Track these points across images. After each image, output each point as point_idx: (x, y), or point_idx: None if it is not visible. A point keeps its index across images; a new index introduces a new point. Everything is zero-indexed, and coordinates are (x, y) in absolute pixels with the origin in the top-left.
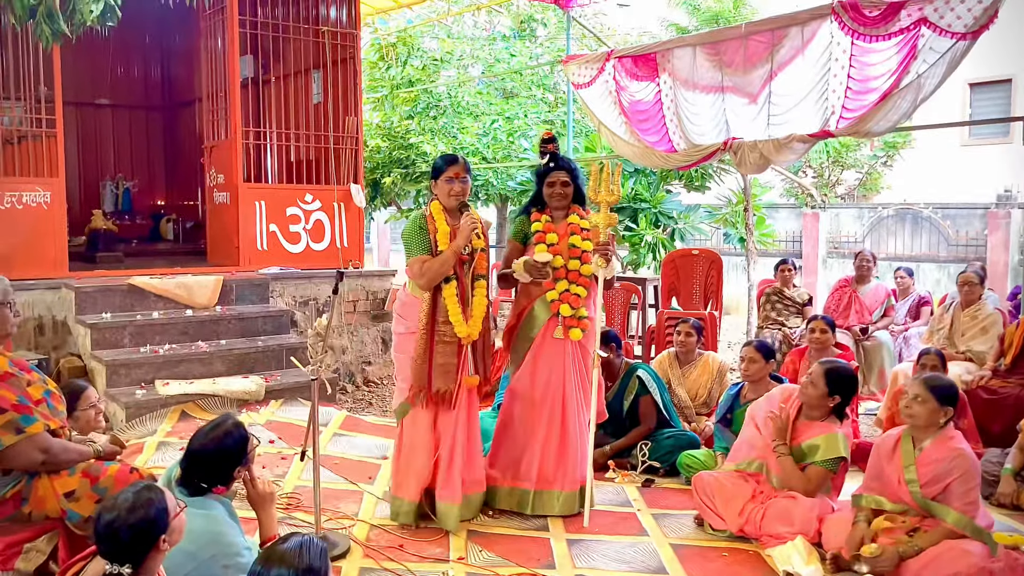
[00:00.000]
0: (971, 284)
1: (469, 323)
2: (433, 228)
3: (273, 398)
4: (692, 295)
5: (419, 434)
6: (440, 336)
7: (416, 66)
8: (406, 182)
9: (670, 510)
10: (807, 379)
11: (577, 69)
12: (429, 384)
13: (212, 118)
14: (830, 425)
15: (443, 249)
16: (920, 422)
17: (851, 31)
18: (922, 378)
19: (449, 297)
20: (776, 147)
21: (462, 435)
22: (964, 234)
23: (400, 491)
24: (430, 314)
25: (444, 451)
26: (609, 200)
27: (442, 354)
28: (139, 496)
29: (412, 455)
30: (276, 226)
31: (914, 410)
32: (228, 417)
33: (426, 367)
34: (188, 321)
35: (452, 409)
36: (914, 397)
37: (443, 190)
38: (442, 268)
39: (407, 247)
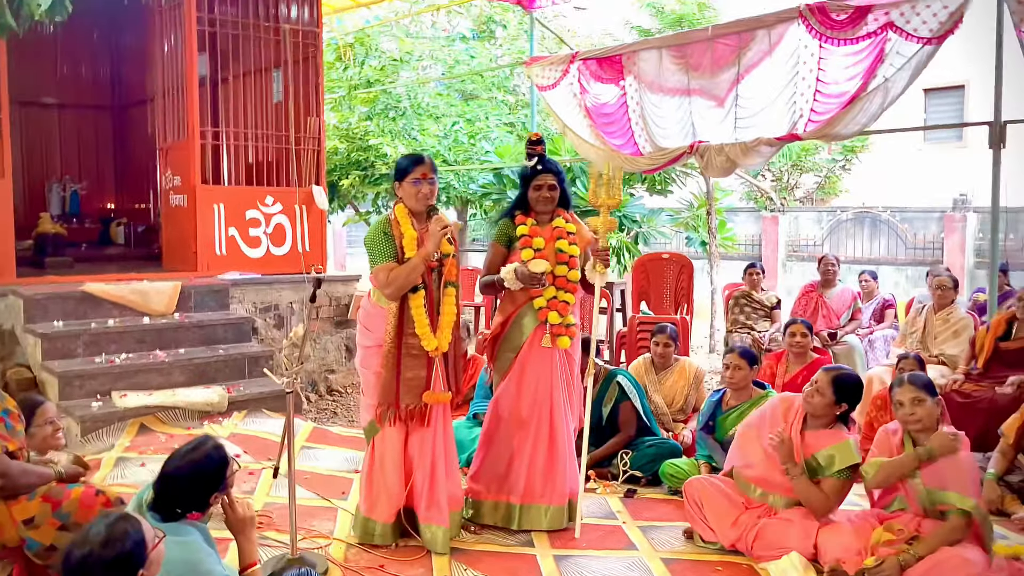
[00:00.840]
0: (944, 288)
1: (438, 335)
2: (399, 233)
3: (236, 409)
4: (663, 299)
5: (390, 453)
6: (408, 349)
7: (374, 66)
8: (365, 184)
9: (656, 522)
10: (812, 388)
11: (541, 71)
12: (397, 400)
13: (167, 118)
14: (838, 432)
15: (410, 256)
16: (928, 423)
17: (819, 34)
18: (907, 380)
19: (417, 307)
20: (743, 150)
21: (440, 452)
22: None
23: (373, 513)
24: (397, 326)
25: (423, 471)
26: (610, 204)
27: (410, 368)
28: (113, 528)
29: (384, 475)
30: (235, 230)
31: (919, 415)
32: (207, 439)
33: (394, 383)
34: (145, 329)
35: (426, 426)
36: (912, 401)
37: (409, 192)
38: (411, 276)
39: (371, 254)
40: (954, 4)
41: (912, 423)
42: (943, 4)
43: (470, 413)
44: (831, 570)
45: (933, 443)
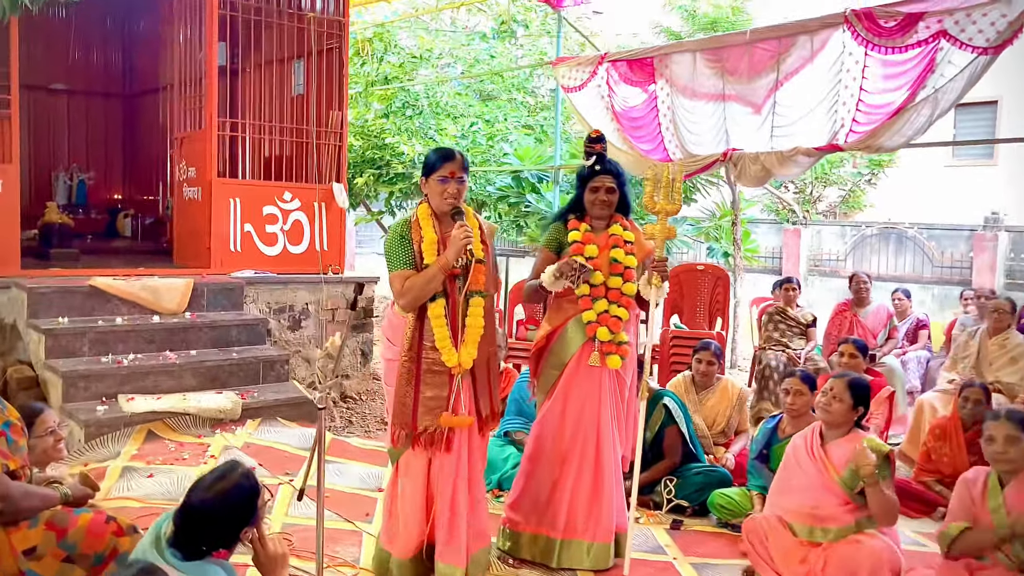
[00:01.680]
0: (1002, 311)
1: (461, 350)
2: (417, 237)
3: (250, 417)
4: (696, 313)
5: (411, 480)
6: (428, 364)
7: (393, 63)
8: (379, 183)
9: (710, 559)
10: (829, 396)
11: (568, 72)
12: (414, 422)
13: (183, 107)
14: (858, 435)
15: (429, 262)
16: (1020, 464)
17: (865, 41)
18: (1004, 415)
19: (436, 318)
20: (779, 160)
21: (463, 483)
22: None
23: (390, 546)
24: (415, 338)
25: (443, 504)
26: (669, 210)
27: (430, 386)
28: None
29: (404, 505)
30: (251, 226)
31: (1012, 454)
32: (235, 465)
33: (410, 402)
34: (155, 328)
35: (447, 452)
36: (1007, 440)
37: (435, 191)
38: (428, 286)
39: (388, 259)
40: (1014, 13)
41: (1003, 462)
42: (1001, 12)
43: (500, 430)
44: None
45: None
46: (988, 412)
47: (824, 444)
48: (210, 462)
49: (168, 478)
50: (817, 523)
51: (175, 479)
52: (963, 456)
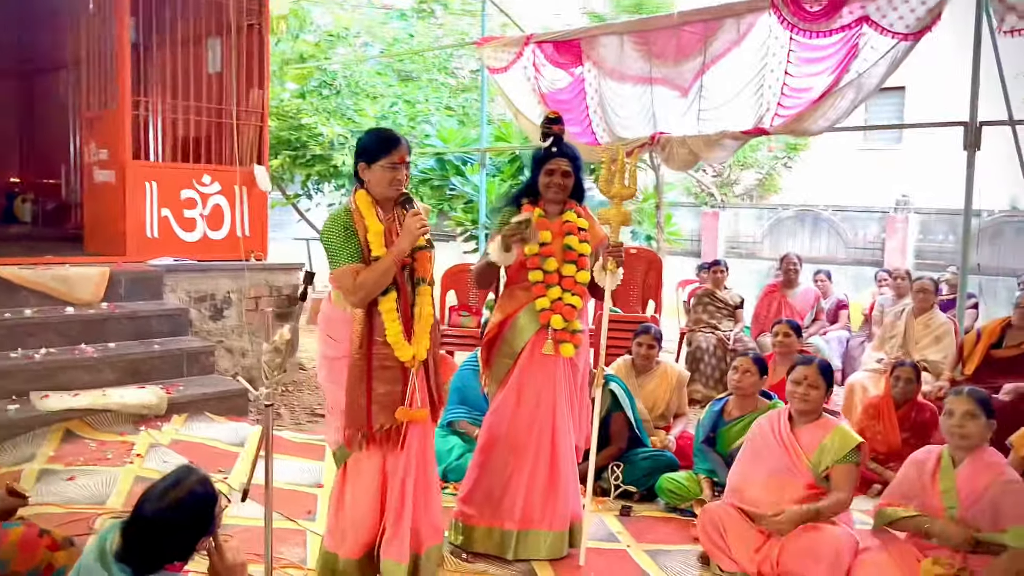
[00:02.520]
0: (926, 291)
1: (413, 342)
2: (362, 227)
3: (176, 412)
4: (629, 296)
5: (363, 482)
6: (380, 360)
7: (309, 41)
8: (295, 166)
9: (663, 545)
10: (805, 384)
11: (493, 53)
12: (369, 422)
13: (92, 86)
14: (827, 421)
15: (377, 254)
16: (975, 441)
17: (791, 26)
18: (967, 392)
19: (388, 312)
20: (707, 143)
21: (412, 479)
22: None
23: (337, 548)
24: (365, 334)
25: (393, 501)
26: (624, 194)
27: (382, 382)
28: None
29: (353, 506)
30: (169, 211)
31: (969, 429)
32: (188, 472)
33: (364, 401)
34: (69, 320)
35: (402, 450)
36: (966, 414)
37: (382, 178)
38: (382, 279)
39: (331, 253)
40: (932, 0)
41: (957, 436)
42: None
43: (443, 420)
44: None
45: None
46: (953, 389)
47: (793, 429)
48: (136, 461)
49: (92, 480)
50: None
51: (99, 481)
52: (896, 434)
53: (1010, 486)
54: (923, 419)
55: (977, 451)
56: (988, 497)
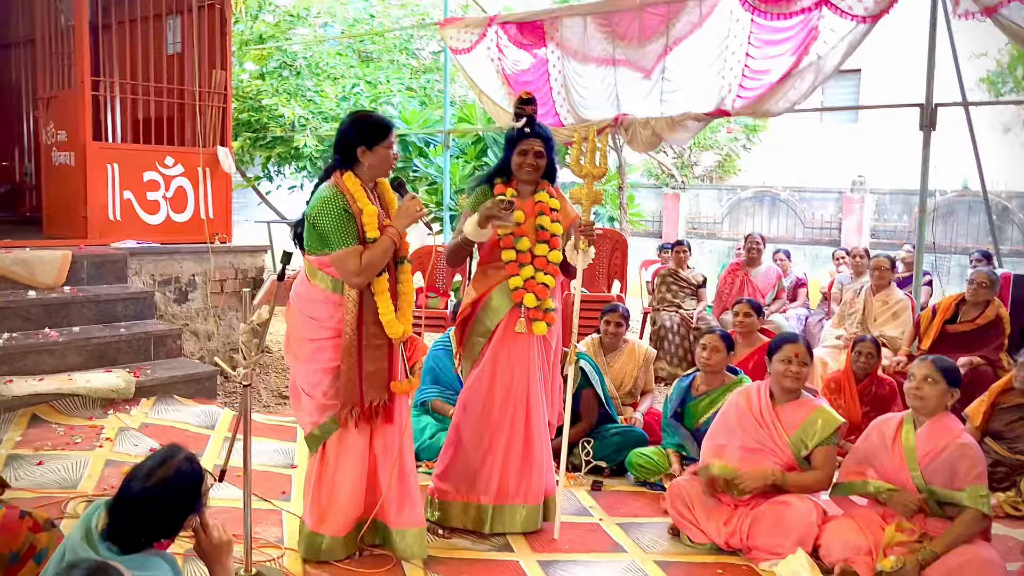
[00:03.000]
0: (882, 269)
1: (400, 318)
2: (357, 209)
3: (144, 396)
4: (596, 276)
5: (352, 459)
6: (370, 339)
7: (268, 21)
8: (256, 148)
9: (634, 518)
10: (797, 362)
11: (456, 33)
12: (361, 398)
13: (48, 65)
14: (808, 401)
15: (372, 236)
16: (930, 405)
17: (751, 8)
18: (930, 359)
19: (381, 293)
20: (670, 125)
21: (408, 448)
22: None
23: (321, 527)
24: (359, 315)
25: (390, 472)
26: (595, 174)
27: (373, 360)
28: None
29: (341, 484)
30: (131, 193)
31: (925, 392)
32: (175, 451)
33: (357, 379)
34: (31, 304)
35: (391, 423)
36: (924, 378)
37: (385, 158)
38: (383, 260)
39: (327, 237)
40: None
41: (915, 399)
42: None
43: (416, 400)
44: (841, 571)
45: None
46: (921, 356)
47: (775, 406)
48: (105, 445)
49: (61, 464)
50: None
51: (69, 465)
52: (856, 407)
53: (966, 449)
54: (883, 393)
55: (936, 416)
56: (944, 458)
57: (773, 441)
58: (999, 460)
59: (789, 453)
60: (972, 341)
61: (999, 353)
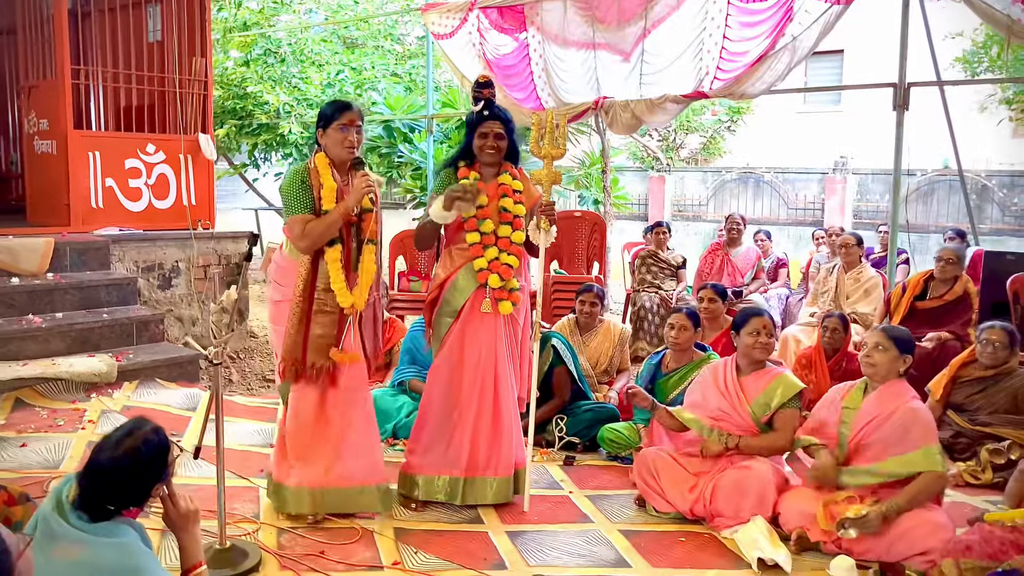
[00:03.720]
0: (848, 246)
1: (354, 292)
2: (317, 183)
3: (126, 379)
4: (576, 258)
5: (304, 412)
6: (319, 305)
7: (252, 8)
8: (241, 135)
9: (603, 490)
10: (764, 333)
11: (438, 18)
12: (304, 358)
13: (29, 54)
14: (770, 370)
15: (328, 208)
16: (881, 371)
17: None
18: (881, 327)
19: (332, 262)
20: (649, 107)
21: (348, 417)
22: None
23: (286, 479)
24: (309, 280)
25: (333, 435)
26: (554, 155)
27: (320, 325)
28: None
29: (297, 438)
30: (113, 180)
31: (875, 359)
32: (142, 422)
33: (300, 339)
34: (15, 291)
35: (335, 387)
36: (875, 346)
37: (335, 140)
38: (328, 231)
39: (286, 204)
40: None
41: (866, 365)
42: None
43: (394, 380)
44: (798, 537)
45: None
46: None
47: (740, 377)
48: (88, 427)
49: (44, 446)
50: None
51: (52, 447)
52: (827, 382)
53: (917, 413)
54: (852, 368)
55: (889, 382)
56: (895, 421)
57: (735, 409)
58: (960, 432)
59: (750, 420)
60: (941, 317)
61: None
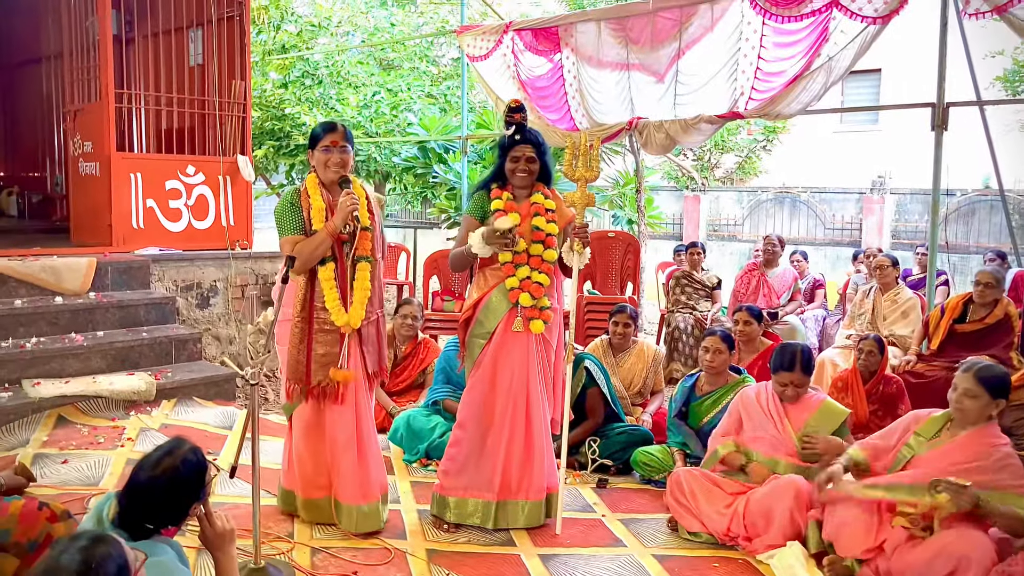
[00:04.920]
0: (884, 268)
1: (350, 310)
2: (307, 204)
3: (165, 397)
4: (609, 279)
5: (308, 432)
6: (319, 324)
7: (290, 31)
8: (279, 155)
9: (637, 514)
10: (790, 390)
11: (472, 41)
12: (308, 377)
13: (75, 78)
14: (811, 397)
15: (317, 228)
16: (971, 417)
17: (762, 11)
18: (973, 372)
19: (325, 280)
20: (683, 127)
21: (366, 432)
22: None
23: (291, 486)
24: (306, 299)
25: (344, 452)
26: (588, 177)
27: (322, 343)
28: (90, 552)
29: (300, 453)
30: (154, 201)
31: (965, 405)
32: (180, 442)
33: (304, 359)
34: (58, 310)
35: (341, 404)
36: (964, 392)
37: (320, 160)
38: (316, 250)
39: (279, 226)
40: None
41: (956, 411)
42: None
43: (427, 400)
44: (830, 562)
45: (944, 497)
46: (927, 356)
47: (782, 402)
48: (127, 444)
49: (84, 463)
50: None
51: (92, 463)
52: (863, 406)
53: (1007, 459)
54: (890, 392)
55: (979, 428)
56: (986, 468)
57: (779, 433)
58: None
59: (793, 447)
60: (981, 340)
61: (1009, 351)
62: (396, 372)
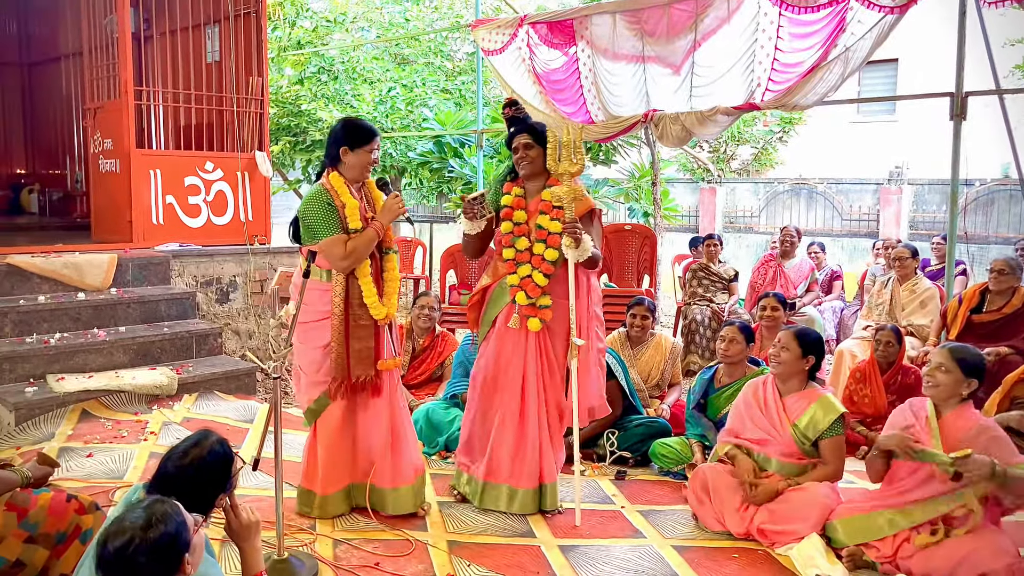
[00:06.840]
0: (903, 259)
1: (385, 302)
2: (340, 203)
3: (186, 392)
4: (625, 272)
5: (340, 430)
6: (355, 319)
7: (305, 27)
8: (295, 151)
9: (656, 505)
10: (778, 347)
11: (487, 35)
12: (349, 373)
13: (94, 76)
14: (812, 391)
15: (354, 227)
16: (942, 393)
17: (779, 2)
18: (947, 347)
19: (364, 277)
20: (699, 120)
21: (400, 420)
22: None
23: (311, 485)
24: (346, 297)
25: (383, 440)
26: (572, 172)
27: (359, 339)
28: (153, 510)
29: (330, 452)
30: (173, 197)
31: (937, 379)
32: (208, 434)
33: (344, 356)
34: (80, 305)
35: (378, 396)
36: (937, 366)
37: (363, 161)
38: (368, 248)
39: (314, 228)
40: None
41: (928, 386)
42: None
43: (446, 393)
44: (849, 554)
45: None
46: (934, 349)
47: (782, 396)
48: (150, 438)
49: (109, 456)
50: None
51: (116, 457)
52: (882, 397)
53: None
54: (908, 382)
55: (955, 411)
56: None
57: (776, 429)
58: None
59: (790, 440)
60: (1000, 330)
61: None
62: (414, 365)
